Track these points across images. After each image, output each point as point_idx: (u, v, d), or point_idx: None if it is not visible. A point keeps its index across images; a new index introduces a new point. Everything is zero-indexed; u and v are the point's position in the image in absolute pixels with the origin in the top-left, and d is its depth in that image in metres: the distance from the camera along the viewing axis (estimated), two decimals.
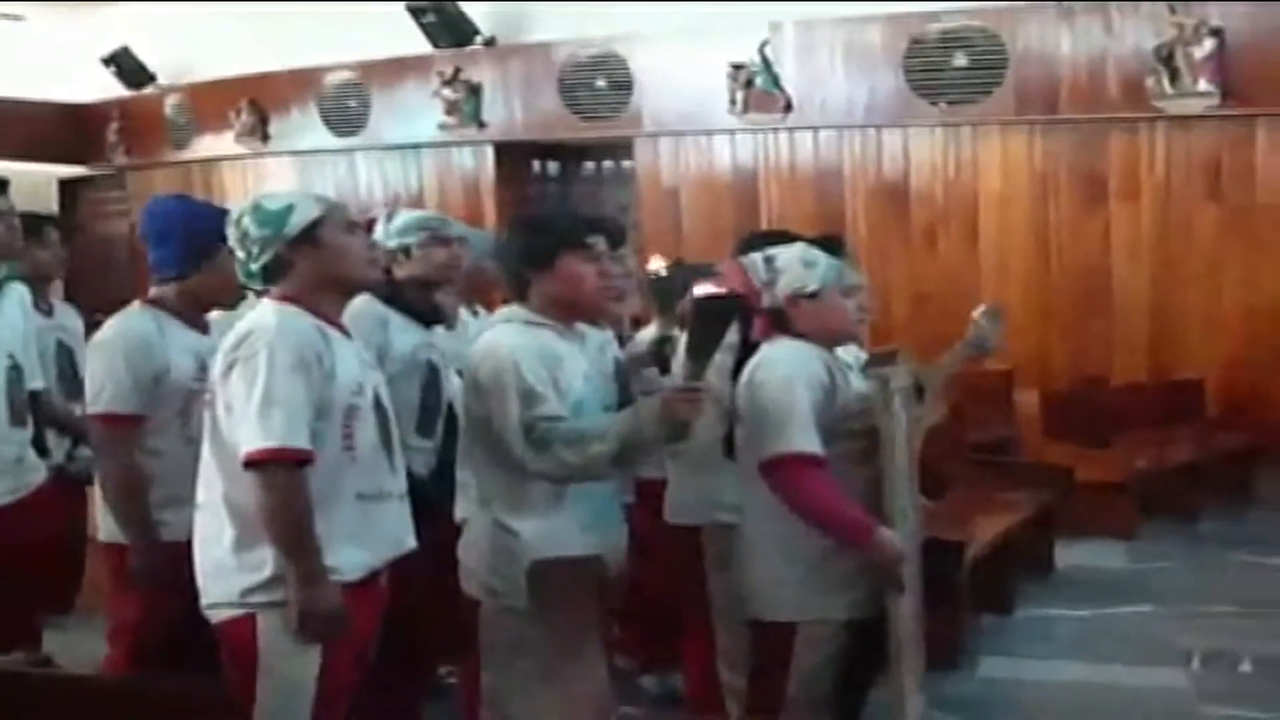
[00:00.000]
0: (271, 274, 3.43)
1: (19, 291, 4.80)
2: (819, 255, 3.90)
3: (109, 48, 14.68)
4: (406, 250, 4.53)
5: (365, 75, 13.33)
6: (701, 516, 4.55)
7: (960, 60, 10.55)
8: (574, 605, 3.58)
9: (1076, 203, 10.52)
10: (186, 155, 14.83)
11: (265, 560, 3.24)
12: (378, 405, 3.49)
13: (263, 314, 3.35)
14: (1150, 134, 10.23)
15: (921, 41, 10.66)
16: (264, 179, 13.87)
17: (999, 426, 9.19)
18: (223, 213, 3.65)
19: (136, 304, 4.15)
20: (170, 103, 14.81)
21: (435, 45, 12.62)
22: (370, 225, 4.60)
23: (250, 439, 3.18)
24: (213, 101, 14.35)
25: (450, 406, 4.40)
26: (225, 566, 3.30)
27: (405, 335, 4.38)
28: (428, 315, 4.52)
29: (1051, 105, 10.38)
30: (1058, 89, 10.33)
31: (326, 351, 3.31)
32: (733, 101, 11.40)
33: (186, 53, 14.31)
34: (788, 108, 11.26)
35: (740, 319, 3.90)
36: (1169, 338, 10.31)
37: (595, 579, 3.64)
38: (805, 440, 3.61)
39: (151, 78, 14.89)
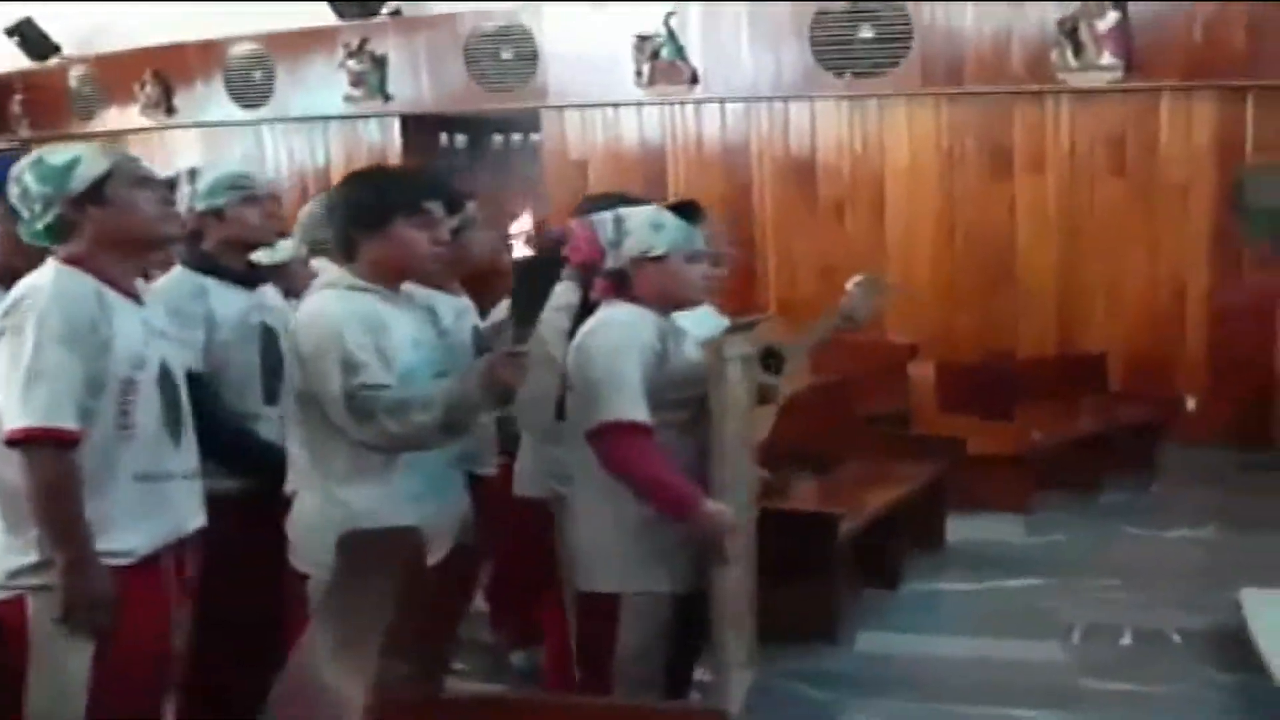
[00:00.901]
0: (56, 233, 3.25)
1: None
2: (668, 218, 3.82)
3: (12, 19, 14.37)
4: (218, 212, 4.29)
5: (270, 46, 13.13)
6: (544, 488, 4.40)
7: (866, 32, 10.49)
8: (378, 577, 3.43)
9: (982, 176, 10.50)
10: (92, 128, 14.51)
11: (34, 542, 3.11)
12: (164, 379, 3.34)
13: (40, 277, 3.19)
14: (1055, 107, 10.23)
15: (827, 13, 10.58)
16: (171, 152, 13.52)
17: (897, 399, 9.10)
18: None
19: None
20: (75, 74, 14.56)
21: (341, 16, 12.46)
22: (171, 185, 4.41)
23: (14, 416, 3.05)
24: (117, 73, 14.11)
25: None
26: None
27: (229, 301, 4.19)
28: (250, 277, 4.33)
29: (957, 78, 10.37)
30: (963, 62, 10.30)
31: (104, 320, 3.15)
32: (639, 73, 11.31)
33: (91, 24, 14.01)
34: (694, 80, 11.18)
35: (581, 281, 3.90)
36: (1074, 311, 10.35)
37: (408, 550, 3.48)
38: (632, 408, 3.56)
39: (56, 49, 14.63)
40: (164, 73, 13.77)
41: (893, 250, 10.73)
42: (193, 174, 4.41)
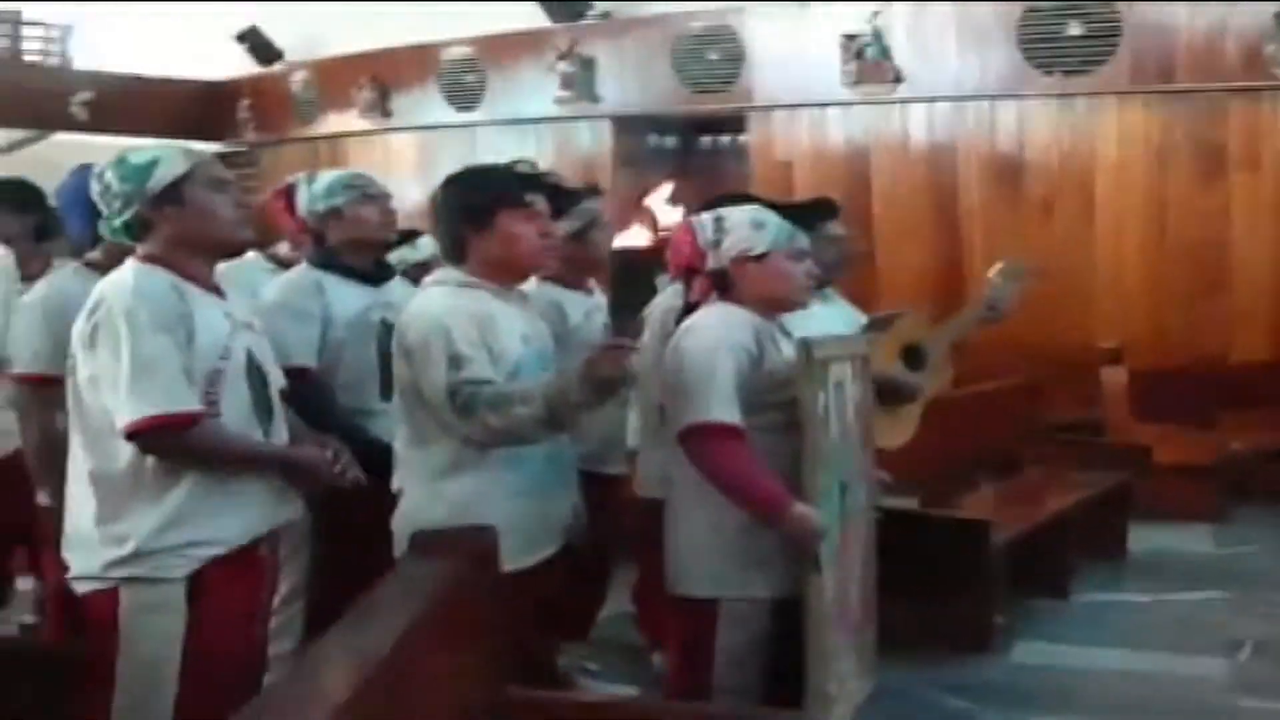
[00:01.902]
0: (134, 231, 3.37)
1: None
2: (769, 217, 3.88)
3: (240, 25, 15.20)
4: (336, 212, 4.55)
5: (482, 50, 13.61)
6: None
7: (1075, 30, 10.50)
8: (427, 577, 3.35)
9: (1194, 175, 10.40)
10: (313, 131, 15.25)
11: (128, 535, 3.20)
12: (251, 370, 3.42)
13: (120, 276, 3.30)
14: (1273, 103, 10.11)
15: (1035, 11, 10.62)
16: (389, 155, 14.20)
17: (1090, 405, 9.14)
18: None
19: (70, 266, 4.27)
20: (297, 79, 15.24)
21: (551, 19, 12.91)
22: (290, 190, 4.75)
23: (128, 410, 3.13)
24: (337, 78, 14.75)
25: None
26: (88, 540, 3.27)
27: (347, 298, 4.43)
28: (373, 274, 4.55)
29: (1168, 75, 10.32)
30: (1174, 58, 10.25)
31: (187, 313, 3.24)
32: (844, 73, 11.46)
33: (313, 30, 14.78)
34: (898, 79, 11.31)
35: (685, 282, 3.96)
36: None
37: (476, 550, 3.43)
38: (722, 409, 3.58)
39: (280, 55, 15.40)
40: (381, 77, 14.33)
41: (1100, 251, 10.69)
42: (311, 178, 4.71)
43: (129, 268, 3.32)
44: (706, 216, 3.93)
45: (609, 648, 5.65)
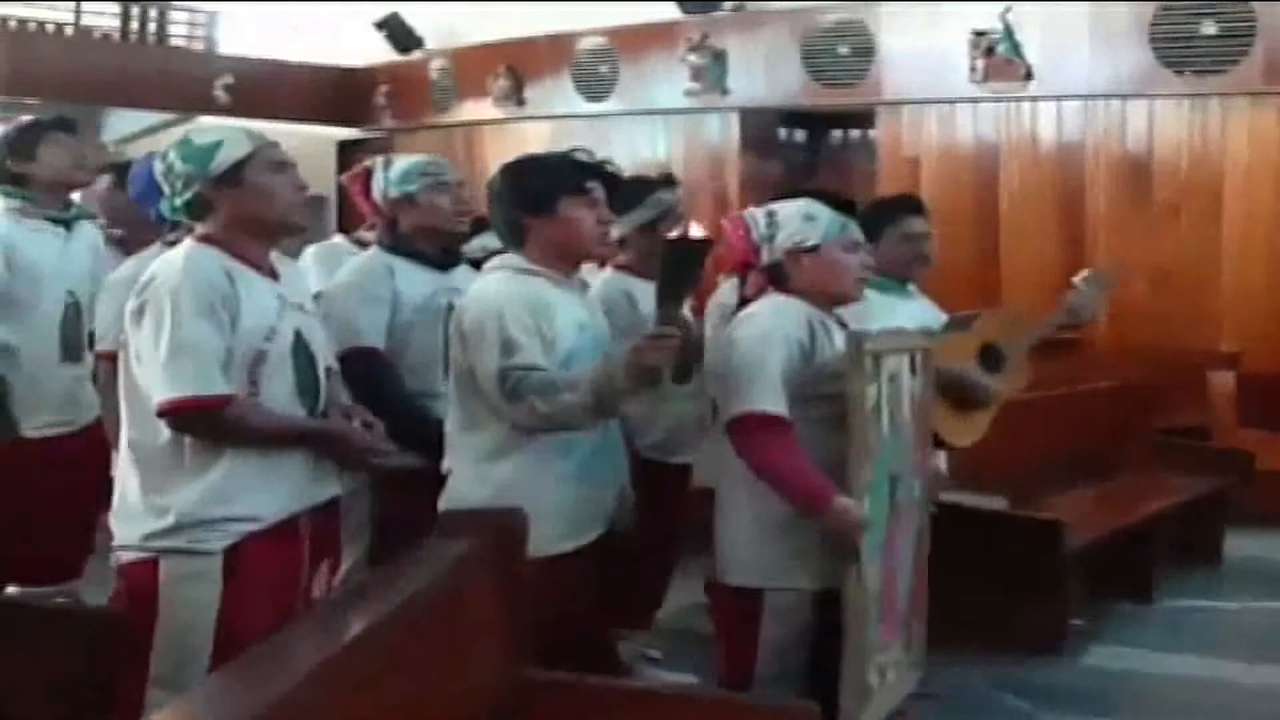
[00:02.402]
0: (194, 210, 3.46)
1: (89, 232, 5.22)
2: (821, 209, 3.94)
3: (381, 13, 15.54)
4: (410, 197, 4.65)
5: (615, 41, 13.84)
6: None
7: (1208, 29, 10.42)
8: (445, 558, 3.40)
9: None
10: (449, 119, 15.56)
11: (169, 507, 3.31)
12: (299, 351, 3.51)
13: (173, 255, 3.41)
14: None
15: (1169, 9, 10.56)
16: (522, 143, 14.29)
17: (1200, 409, 9.13)
18: None
19: (155, 246, 4.40)
20: (435, 67, 15.55)
21: (684, 11, 13.09)
22: (368, 174, 4.88)
23: (161, 389, 3.25)
24: (473, 66, 15.05)
25: None
26: (133, 510, 3.37)
27: (417, 282, 4.53)
28: (441, 260, 4.66)
29: None
30: None
31: (232, 295, 3.33)
32: (972, 69, 11.51)
33: (452, 18, 15.10)
34: (1028, 76, 11.31)
35: (740, 277, 4.08)
36: None
37: (502, 533, 3.51)
38: (769, 400, 3.66)
39: (419, 42, 15.71)
40: (516, 66, 14.61)
41: (1228, 254, 10.59)
42: (387, 163, 4.83)
43: (183, 247, 3.43)
44: (759, 211, 4.02)
45: (680, 637, 5.75)
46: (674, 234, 5.01)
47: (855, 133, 13.27)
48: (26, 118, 5.44)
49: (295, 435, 3.49)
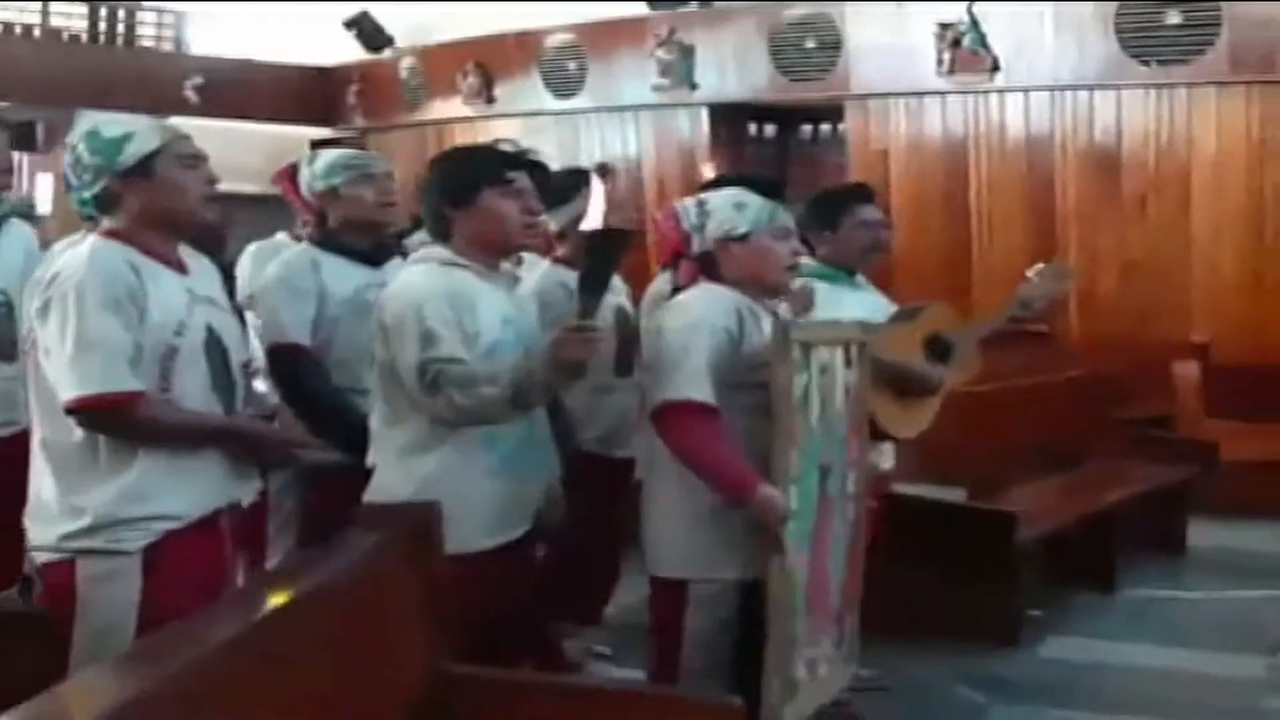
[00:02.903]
0: (102, 204, 3.40)
1: (20, 230, 5.06)
2: (750, 197, 3.94)
3: (351, 12, 15.53)
4: (334, 190, 4.59)
5: (583, 37, 13.83)
6: None
7: (1173, 18, 10.41)
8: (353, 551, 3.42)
9: None
10: (420, 117, 15.58)
11: (85, 507, 3.27)
12: (211, 346, 3.46)
13: (77, 250, 3.35)
14: None
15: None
16: (493, 141, 14.34)
17: (1165, 399, 9.15)
18: None
19: None
20: (404, 65, 15.56)
21: (651, 6, 13.10)
22: (294, 170, 4.84)
23: (70, 386, 3.21)
24: (443, 64, 15.05)
25: None
26: (48, 510, 3.34)
27: (343, 277, 4.48)
28: (372, 254, 4.60)
29: (1269, 65, 10.16)
30: (1275, 48, 10.10)
31: (140, 290, 3.28)
32: (939, 62, 11.50)
33: (422, 16, 15.07)
34: (994, 68, 11.32)
35: (673, 267, 4.06)
36: None
37: (416, 527, 3.53)
38: (695, 388, 3.65)
39: (389, 41, 15.69)
40: (485, 64, 14.61)
41: (1198, 244, 10.61)
42: (313, 158, 4.76)
43: (87, 242, 3.38)
44: (689, 200, 4.04)
45: (631, 632, 5.62)
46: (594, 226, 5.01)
47: (825, 127, 13.32)
48: None
49: (208, 433, 3.46)
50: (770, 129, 13.63)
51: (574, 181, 5.21)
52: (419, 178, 3.96)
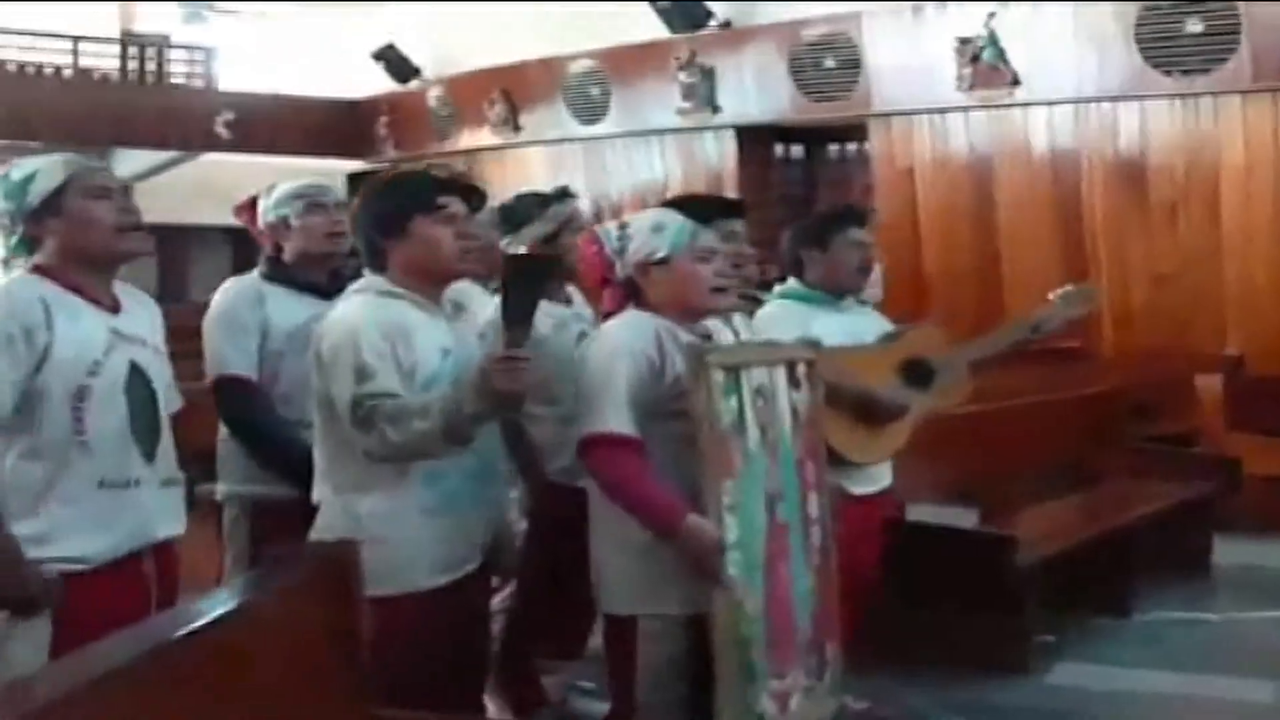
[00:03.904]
0: (29, 246, 3.39)
1: None
2: (671, 218, 3.84)
3: (377, 44, 15.67)
4: (285, 221, 4.48)
5: (605, 63, 13.87)
6: None
7: (1194, 27, 10.33)
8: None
9: None
10: (450, 147, 15.63)
11: None
12: (133, 387, 3.40)
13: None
14: None
15: (1153, 9, 10.47)
16: (524, 168, 14.43)
17: (1189, 414, 9.01)
18: None
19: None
20: (433, 96, 15.65)
21: (670, 29, 13.11)
22: (254, 202, 4.70)
23: None
24: (469, 93, 15.14)
25: None
26: None
27: (289, 309, 4.38)
28: (323, 287, 4.45)
29: None
30: None
31: (44, 329, 3.22)
32: (959, 77, 11.47)
33: (448, 45, 15.21)
34: (1015, 82, 11.27)
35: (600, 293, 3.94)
36: None
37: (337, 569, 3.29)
38: (615, 420, 3.54)
39: (416, 71, 15.81)
40: (510, 92, 14.66)
41: (1228, 254, 10.50)
42: (270, 189, 4.67)
43: (12, 278, 3.35)
44: (611, 225, 3.96)
45: None
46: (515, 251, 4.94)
47: (851, 146, 13.28)
48: None
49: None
50: (797, 150, 13.61)
51: (533, 203, 5.18)
52: (351, 207, 3.90)
